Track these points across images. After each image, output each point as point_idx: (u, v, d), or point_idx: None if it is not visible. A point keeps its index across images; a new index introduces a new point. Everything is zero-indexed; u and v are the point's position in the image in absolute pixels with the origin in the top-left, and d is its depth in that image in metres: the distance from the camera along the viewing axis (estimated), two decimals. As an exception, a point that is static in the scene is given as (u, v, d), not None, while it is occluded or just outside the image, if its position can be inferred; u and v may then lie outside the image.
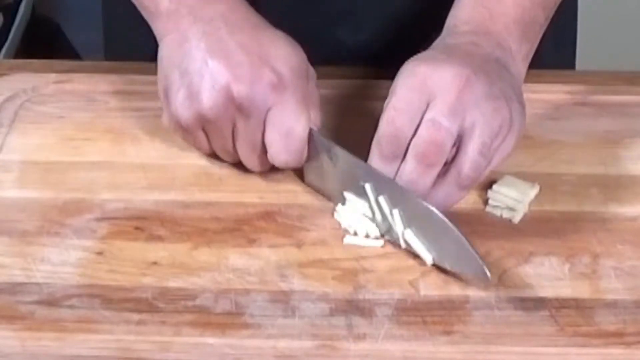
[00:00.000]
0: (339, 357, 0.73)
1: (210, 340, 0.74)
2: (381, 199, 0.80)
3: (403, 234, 0.80)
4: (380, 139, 0.80)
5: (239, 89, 0.81)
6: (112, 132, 0.93)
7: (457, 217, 0.79)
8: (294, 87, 0.83)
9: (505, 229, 0.83)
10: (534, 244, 0.82)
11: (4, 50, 2.05)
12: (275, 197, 0.86)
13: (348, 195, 0.83)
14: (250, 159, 0.85)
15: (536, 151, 0.91)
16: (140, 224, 0.83)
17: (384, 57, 0.98)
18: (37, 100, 0.96)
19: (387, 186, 0.80)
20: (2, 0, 2.12)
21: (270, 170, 0.87)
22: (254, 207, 0.85)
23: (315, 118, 0.85)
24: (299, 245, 0.82)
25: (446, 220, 0.77)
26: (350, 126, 0.91)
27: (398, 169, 0.80)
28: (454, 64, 0.81)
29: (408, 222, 0.79)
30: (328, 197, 0.85)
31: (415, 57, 0.84)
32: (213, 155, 0.88)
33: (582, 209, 0.86)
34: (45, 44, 2.20)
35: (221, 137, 0.84)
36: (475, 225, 0.83)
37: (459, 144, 0.80)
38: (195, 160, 0.90)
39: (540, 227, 0.84)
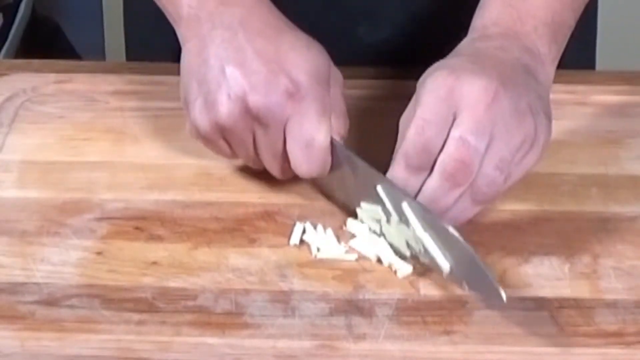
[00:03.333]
0: (339, 357, 0.73)
1: (210, 340, 0.74)
2: (404, 204, 0.78)
3: (422, 238, 0.77)
4: (408, 149, 0.78)
5: (255, 99, 0.80)
6: (112, 132, 0.93)
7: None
8: (313, 95, 0.81)
9: (505, 228, 0.83)
10: (534, 244, 0.82)
11: (4, 50, 2.05)
12: (275, 197, 0.86)
13: (363, 204, 0.82)
14: (273, 168, 0.84)
15: (536, 151, 0.91)
16: (140, 224, 0.83)
17: (404, 56, 0.98)
18: (37, 100, 0.96)
19: (402, 198, 0.78)
20: (2, 0, 2.12)
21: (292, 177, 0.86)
22: (254, 207, 0.85)
23: (338, 126, 0.83)
24: (299, 245, 0.82)
25: (461, 239, 0.75)
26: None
27: (423, 182, 0.79)
28: (483, 76, 0.79)
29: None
30: (346, 208, 0.84)
31: (441, 63, 0.82)
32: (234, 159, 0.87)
33: (582, 209, 0.86)
34: (45, 44, 2.20)
35: (242, 146, 0.83)
36: (475, 224, 0.83)
37: None
38: (195, 160, 0.90)
39: (540, 227, 0.84)
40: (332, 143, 0.82)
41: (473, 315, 0.76)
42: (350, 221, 0.83)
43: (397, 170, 0.79)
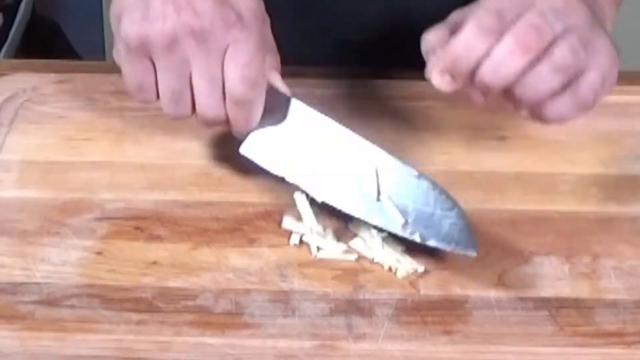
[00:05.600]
0: (339, 357, 0.73)
1: (210, 340, 0.74)
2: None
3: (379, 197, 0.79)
4: (482, 14, 0.76)
5: (200, 21, 0.79)
6: (112, 132, 0.93)
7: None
8: (253, 27, 0.81)
9: (505, 229, 0.83)
10: (534, 244, 0.82)
11: (4, 50, 2.05)
12: (275, 197, 0.86)
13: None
14: (206, 99, 0.82)
15: (536, 151, 0.91)
16: (140, 224, 0.83)
17: (389, 57, 0.98)
18: (37, 100, 0.96)
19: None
20: (2, 0, 2.12)
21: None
22: (254, 207, 0.85)
23: (272, 61, 0.84)
24: (299, 245, 0.82)
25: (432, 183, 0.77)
26: (356, 126, 0.91)
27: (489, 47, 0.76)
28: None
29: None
30: (270, 170, 0.84)
31: None
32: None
33: (582, 209, 0.86)
34: (45, 44, 2.20)
35: (171, 73, 0.81)
36: (475, 224, 0.83)
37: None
38: (195, 160, 0.90)
39: (540, 227, 0.84)
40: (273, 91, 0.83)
41: (473, 315, 0.76)
42: (354, 222, 0.83)
43: (466, 31, 0.76)
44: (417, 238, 0.79)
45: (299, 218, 0.83)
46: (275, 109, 0.84)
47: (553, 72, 0.75)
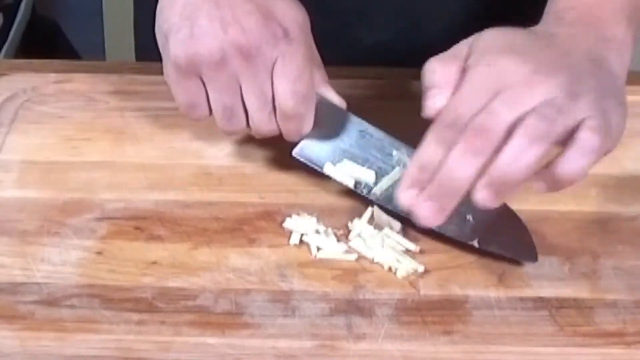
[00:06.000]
0: (339, 357, 0.73)
1: (210, 340, 0.74)
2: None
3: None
4: (438, 123, 0.76)
5: (248, 38, 0.80)
6: (112, 132, 0.93)
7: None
8: (300, 41, 0.82)
9: (505, 229, 0.83)
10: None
11: (4, 50, 2.05)
12: (275, 197, 0.86)
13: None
14: (259, 115, 0.83)
15: (536, 151, 0.91)
16: (140, 224, 0.83)
17: (402, 58, 0.98)
18: (37, 100, 0.96)
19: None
20: (2, 0, 2.12)
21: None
22: (254, 207, 0.85)
23: (321, 74, 0.84)
24: (299, 245, 0.82)
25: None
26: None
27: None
28: (540, 65, 0.76)
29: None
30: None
31: (504, 34, 0.79)
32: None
33: (582, 209, 0.86)
34: (45, 44, 2.20)
35: (221, 91, 0.82)
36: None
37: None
38: (195, 160, 0.90)
39: (541, 227, 0.83)
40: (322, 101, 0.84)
41: (473, 315, 0.76)
42: (354, 221, 0.83)
43: (427, 141, 0.76)
44: (475, 244, 0.80)
45: (299, 218, 0.83)
46: (327, 118, 0.85)
47: (527, 145, 0.73)
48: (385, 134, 0.85)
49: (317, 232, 0.82)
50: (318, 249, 0.81)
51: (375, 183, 0.83)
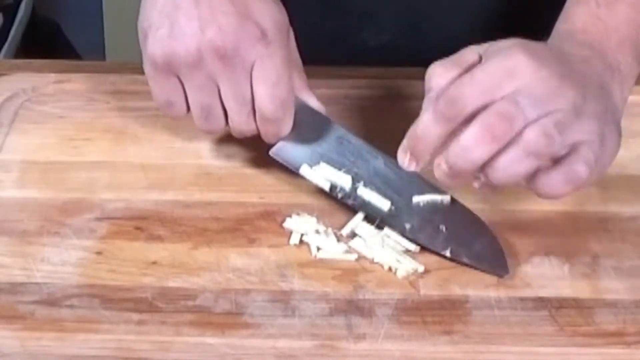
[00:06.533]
0: (339, 357, 0.73)
1: (210, 340, 0.74)
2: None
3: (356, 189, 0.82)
4: (440, 97, 0.75)
5: (225, 38, 0.80)
6: (112, 132, 0.93)
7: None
8: (279, 42, 0.82)
9: (505, 228, 0.83)
10: (534, 244, 0.82)
11: (4, 50, 2.05)
12: (275, 197, 0.86)
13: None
14: (237, 116, 0.83)
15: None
16: (140, 224, 0.83)
17: (407, 59, 0.98)
18: (37, 100, 0.96)
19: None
20: (2, 0, 2.12)
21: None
22: (254, 207, 0.85)
23: (301, 78, 0.84)
24: (299, 245, 0.82)
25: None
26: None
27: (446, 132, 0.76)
28: (555, 74, 0.76)
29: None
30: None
31: (520, 41, 0.78)
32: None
33: (582, 209, 0.86)
34: (45, 44, 2.20)
35: (199, 91, 0.82)
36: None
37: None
38: (195, 160, 0.90)
39: (541, 227, 0.84)
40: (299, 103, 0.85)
41: (473, 315, 0.76)
42: (352, 221, 0.83)
43: (424, 115, 0.76)
44: (447, 253, 0.80)
45: (299, 218, 0.83)
46: (306, 122, 0.85)
47: (523, 157, 0.74)
48: (364, 142, 0.86)
49: (317, 232, 0.82)
50: (318, 249, 0.81)
51: (352, 188, 0.83)
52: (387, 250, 0.80)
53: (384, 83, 0.98)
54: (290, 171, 0.87)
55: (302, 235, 0.82)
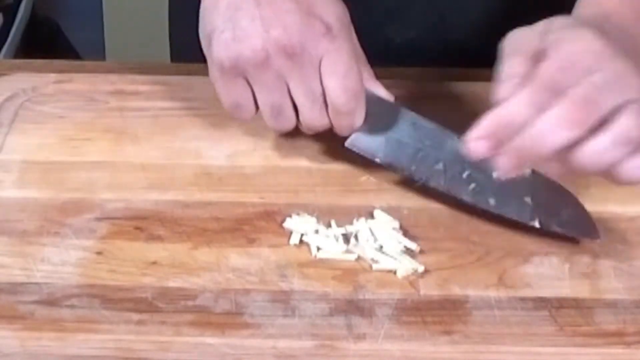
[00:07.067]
0: (339, 357, 0.73)
1: (210, 340, 0.74)
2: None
3: None
4: (534, 84, 0.73)
5: (290, 36, 0.80)
6: (112, 132, 0.93)
7: (458, 217, 0.79)
8: (343, 37, 0.82)
9: (505, 228, 0.83)
10: (534, 244, 0.82)
11: (4, 50, 2.06)
12: (275, 197, 0.86)
13: None
14: (309, 113, 0.83)
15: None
16: (140, 224, 0.83)
17: (433, 55, 0.98)
18: (37, 100, 0.96)
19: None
20: (2, 0, 2.12)
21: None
22: (254, 207, 0.85)
23: (369, 73, 0.85)
24: (299, 245, 0.82)
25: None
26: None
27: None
28: (628, 49, 0.75)
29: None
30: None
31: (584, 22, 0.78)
32: (255, 121, 0.86)
33: (582, 209, 0.86)
34: (45, 44, 2.20)
35: (268, 90, 0.82)
36: (476, 224, 0.83)
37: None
38: (195, 160, 0.90)
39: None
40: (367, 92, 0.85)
41: (473, 315, 0.76)
42: (354, 223, 0.83)
43: (517, 102, 0.73)
44: (536, 224, 0.81)
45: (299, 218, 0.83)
46: (377, 111, 0.86)
47: (615, 144, 0.72)
48: (437, 125, 0.86)
49: (317, 232, 0.82)
50: (318, 248, 0.81)
51: (433, 170, 0.84)
52: (387, 250, 0.80)
53: (385, 83, 0.98)
54: (291, 171, 0.87)
55: (302, 235, 0.82)
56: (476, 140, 0.74)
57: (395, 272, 0.79)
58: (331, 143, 0.90)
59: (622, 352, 0.74)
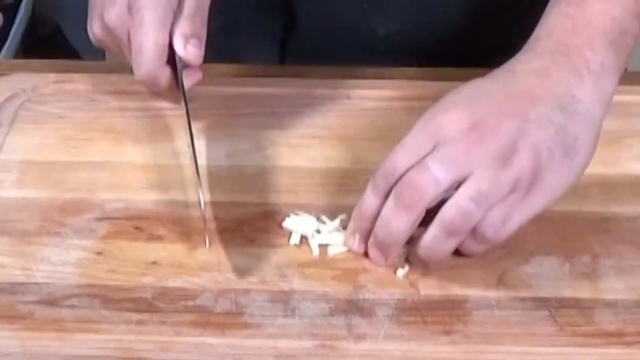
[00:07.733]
0: (339, 357, 0.73)
1: (210, 340, 0.74)
2: None
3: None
4: (376, 172, 0.78)
5: (106, 16, 0.85)
6: (112, 132, 0.93)
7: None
8: (149, 5, 0.83)
9: (505, 229, 0.83)
10: (534, 244, 0.82)
11: (4, 50, 2.05)
12: (275, 197, 0.86)
13: None
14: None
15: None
16: (140, 224, 0.83)
17: (417, 47, 0.98)
18: (37, 100, 0.96)
19: None
20: (2, 0, 2.12)
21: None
22: (254, 207, 0.85)
23: (184, 28, 0.84)
24: (299, 245, 0.82)
25: None
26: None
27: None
28: (466, 110, 0.76)
29: None
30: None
31: (458, 90, 0.79)
32: None
33: (582, 209, 0.86)
34: (45, 44, 2.20)
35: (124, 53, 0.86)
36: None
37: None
38: (195, 160, 0.90)
39: (540, 227, 0.83)
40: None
41: (473, 315, 0.76)
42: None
43: (367, 192, 0.78)
44: None
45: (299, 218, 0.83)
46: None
47: (443, 237, 0.76)
48: None
49: (317, 232, 0.82)
50: (318, 248, 0.81)
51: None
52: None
53: (385, 83, 0.98)
54: (291, 171, 0.87)
55: (302, 235, 0.82)
56: (349, 237, 0.80)
57: (395, 272, 0.79)
58: (331, 143, 0.91)
59: (622, 352, 0.74)
